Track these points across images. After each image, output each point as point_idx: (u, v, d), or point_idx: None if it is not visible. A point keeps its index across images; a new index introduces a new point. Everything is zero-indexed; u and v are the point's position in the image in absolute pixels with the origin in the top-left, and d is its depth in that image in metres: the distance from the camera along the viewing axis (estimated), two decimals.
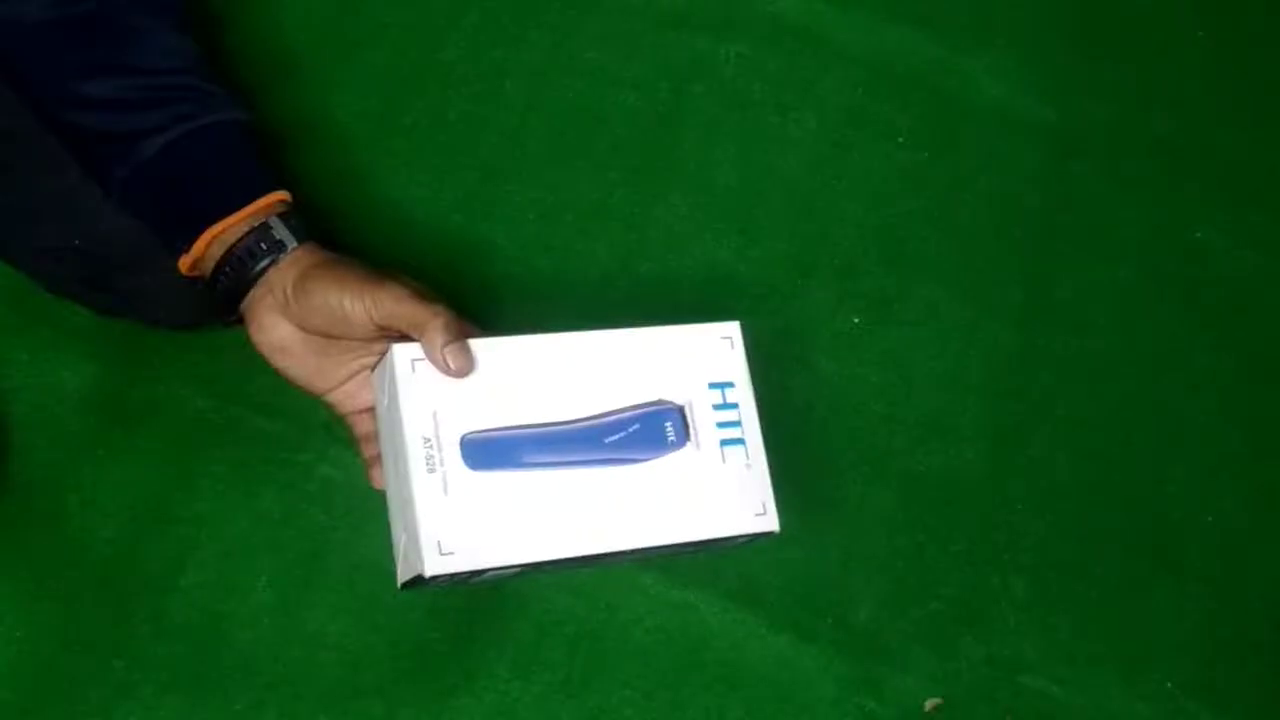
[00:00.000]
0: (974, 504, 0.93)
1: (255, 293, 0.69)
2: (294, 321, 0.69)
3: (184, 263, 0.71)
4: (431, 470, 0.66)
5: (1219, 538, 0.95)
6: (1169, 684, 0.90)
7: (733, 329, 0.73)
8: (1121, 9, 1.13)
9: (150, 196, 0.72)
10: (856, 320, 0.98)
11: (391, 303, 0.66)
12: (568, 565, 0.70)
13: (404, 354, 0.67)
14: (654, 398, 0.70)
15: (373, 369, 0.70)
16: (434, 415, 0.67)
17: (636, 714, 0.85)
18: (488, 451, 0.67)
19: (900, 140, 1.05)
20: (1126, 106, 1.09)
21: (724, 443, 0.71)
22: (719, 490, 0.70)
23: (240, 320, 0.71)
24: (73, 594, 0.84)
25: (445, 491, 0.66)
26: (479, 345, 0.68)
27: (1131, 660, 0.90)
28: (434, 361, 0.66)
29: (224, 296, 0.70)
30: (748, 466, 0.71)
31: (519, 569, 0.68)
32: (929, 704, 0.87)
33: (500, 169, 0.99)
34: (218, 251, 0.70)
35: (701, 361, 0.72)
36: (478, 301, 0.95)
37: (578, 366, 0.70)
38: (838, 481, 0.93)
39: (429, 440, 0.66)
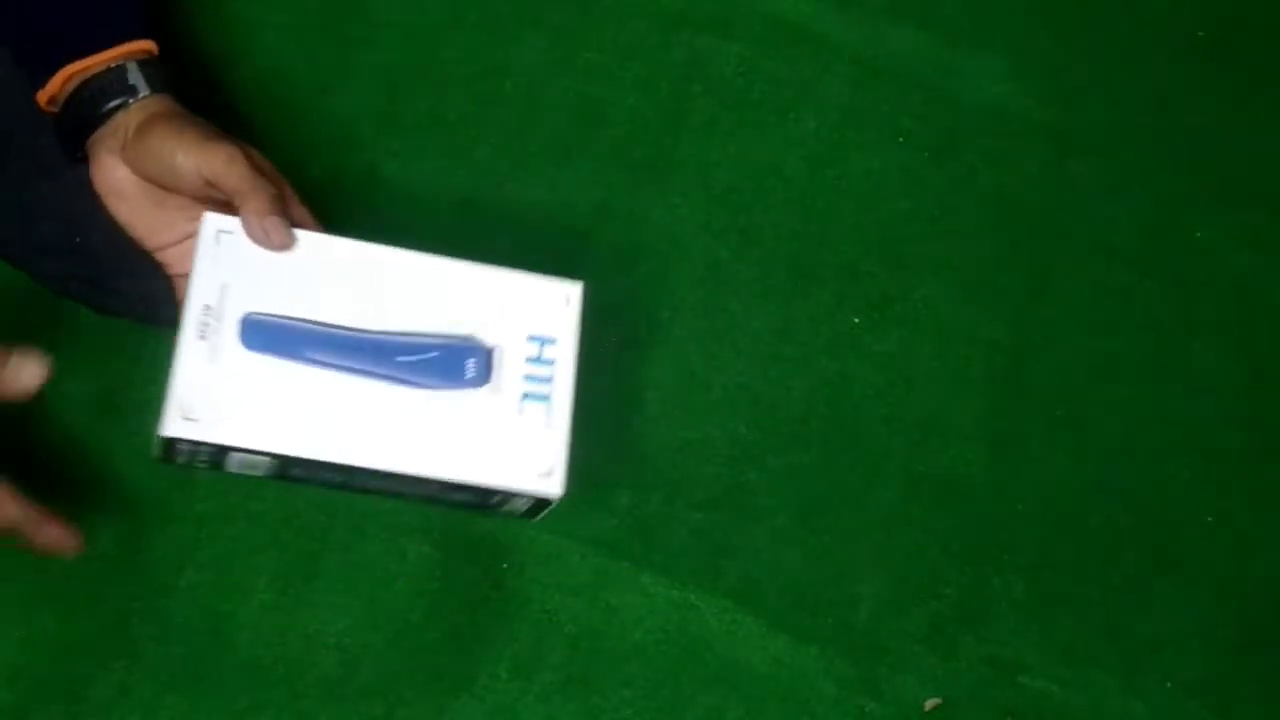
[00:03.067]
0: (974, 504, 0.93)
1: (100, 132, 0.69)
2: (130, 166, 0.69)
3: (41, 97, 0.72)
4: (202, 338, 0.65)
5: (1219, 538, 0.95)
6: (1169, 684, 0.90)
7: (574, 290, 0.72)
8: (1121, 9, 1.13)
9: (15, 23, 0.72)
10: (856, 320, 0.98)
11: (221, 164, 0.66)
12: (327, 478, 0.68)
13: (212, 222, 0.67)
14: (469, 333, 0.69)
15: None
16: (223, 287, 0.66)
17: (636, 714, 0.85)
18: (268, 335, 0.66)
19: (900, 140, 1.05)
20: (1126, 106, 1.09)
21: (527, 396, 0.69)
22: (506, 440, 0.68)
23: (85, 159, 0.71)
24: (72, 594, 0.84)
25: (211, 361, 0.65)
26: (310, 237, 0.67)
27: (1131, 660, 0.90)
28: (251, 231, 0.66)
29: (71, 132, 0.71)
30: (546, 426, 0.69)
31: (270, 463, 0.66)
32: (929, 704, 0.87)
33: (500, 169, 0.99)
34: (72, 89, 0.70)
35: (532, 312, 0.70)
36: None
37: (402, 284, 0.69)
38: (837, 481, 0.93)
39: (209, 308, 0.66)
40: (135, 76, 0.70)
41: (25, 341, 0.88)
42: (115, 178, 0.70)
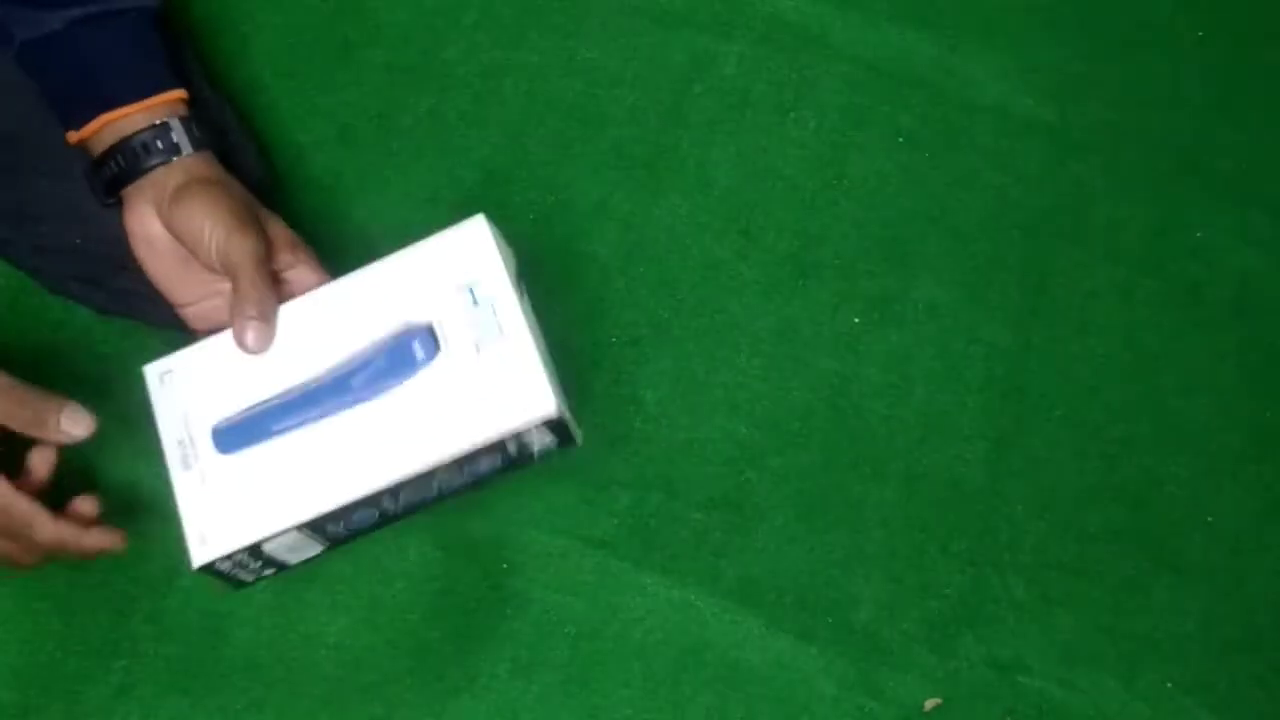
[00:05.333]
0: (974, 504, 0.93)
1: (140, 183, 0.71)
2: (163, 222, 0.71)
3: (71, 136, 0.73)
4: (188, 468, 0.69)
5: (1219, 538, 0.95)
6: (1169, 684, 0.90)
7: (478, 224, 0.71)
8: (1121, 9, 1.13)
9: (49, 68, 0.74)
10: (856, 320, 0.98)
11: (236, 251, 0.68)
12: (363, 521, 0.70)
13: (153, 371, 0.71)
14: (403, 323, 0.69)
15: None
16: (186, 417, 0.69)
17: (636, 714, 0.85)
18: (237, 433, 0.68)
19: (900, 140, 1.05)
20: (1126, 106, 1.09)
21: (481, 340, 0.68)
22: (484, 390, 0.67)
23: (117, 203, 0.73)
24: (73, 595, 0.84)
25: (203, 482, 0.68)
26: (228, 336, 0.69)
27: (1131, 660, 0.90)
28: (234, 326, 0.68)
29: (108, 181, 0.72)
30: (511, 356, 0.68)
31: (308, 536, 0.69)
32: (929, 704, 0.87)
33: (500, 169, 0.99)
34: (110, 138, 0.72)
35: (449, 269, 0.70)
36: None
37: (328, 319, 0.70)
38: (838, 481, 0.93)
39: (183, 441, 0.69)
40: (179, 134, 0.72)
41: (26, 339, 0.88)
42: (148, 230, 0.72)
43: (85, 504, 0.69)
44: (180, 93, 0.74)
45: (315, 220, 0.96)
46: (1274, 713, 0.90)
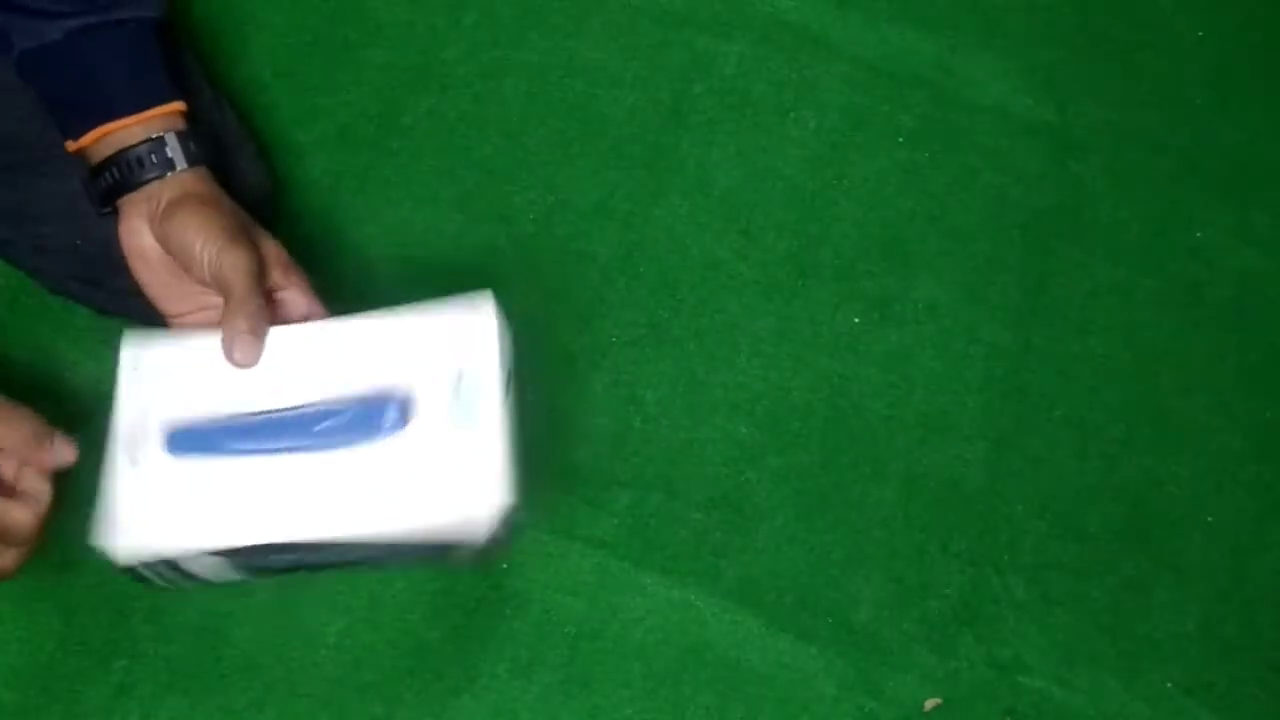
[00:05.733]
0: (974, 504, 0.93)
1: (134, 196, 0.71)
2: (155, 237, 0.71)
3: (69, 145, 0.73)
4: (134, 463, 0.66)
5: (1219, 538, 0.95)
6: (1169, 684, 0.90)
7: (484, 304, 0.68)
8: (1121, 9, 1.13)
9: (48, 78, 0.74)
10: (856, 320, 0.98)
11: (229, 267, 0.68)
12: (281, 562, 0.68)
13: (127, 353, 0.68)
14: (386, 384, 0.67)
15: None
16: (146, 407, 0.67)
17: (636, 714, 0.85)
18: (191, 439, 0.66)
19: (900, 140, 1.05)
20: (1126, 106, 1.09)
21: (451, 425, 0.66)
22: (442, 475, 0.65)
23: (113, 213, 0.73)
24: (72, 595, 0.84)
25: (142, 480, 0.66)
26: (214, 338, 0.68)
27: (1131, 660, 0.90)
28: (224, 339, 0.67)
29: (103, 192, 0.72)
30: (478, 450, 0.65)
31: (220, 561, 0.67)
32: (929, 704, 0.87)
33: (500, 169, 0.99)
34: (106, 150, 0.72)
35: (444, 344, 0.68)
36: None
37: (315, 355, 0.68)
38: (838, 481, 0.93)
39: (134, 436, 0.67)
40: (174, 149, 0.72)
41: (26, 339, 0.88)
42: (141, 243, 0.72)
43: (67, 447, 0.67)
44: (178, 105, 0.74)
45: (315, 220, 0.96)
46: (1274, 713, 0.90)
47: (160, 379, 0.68)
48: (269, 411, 0.67)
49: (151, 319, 0.83)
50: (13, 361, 0.88)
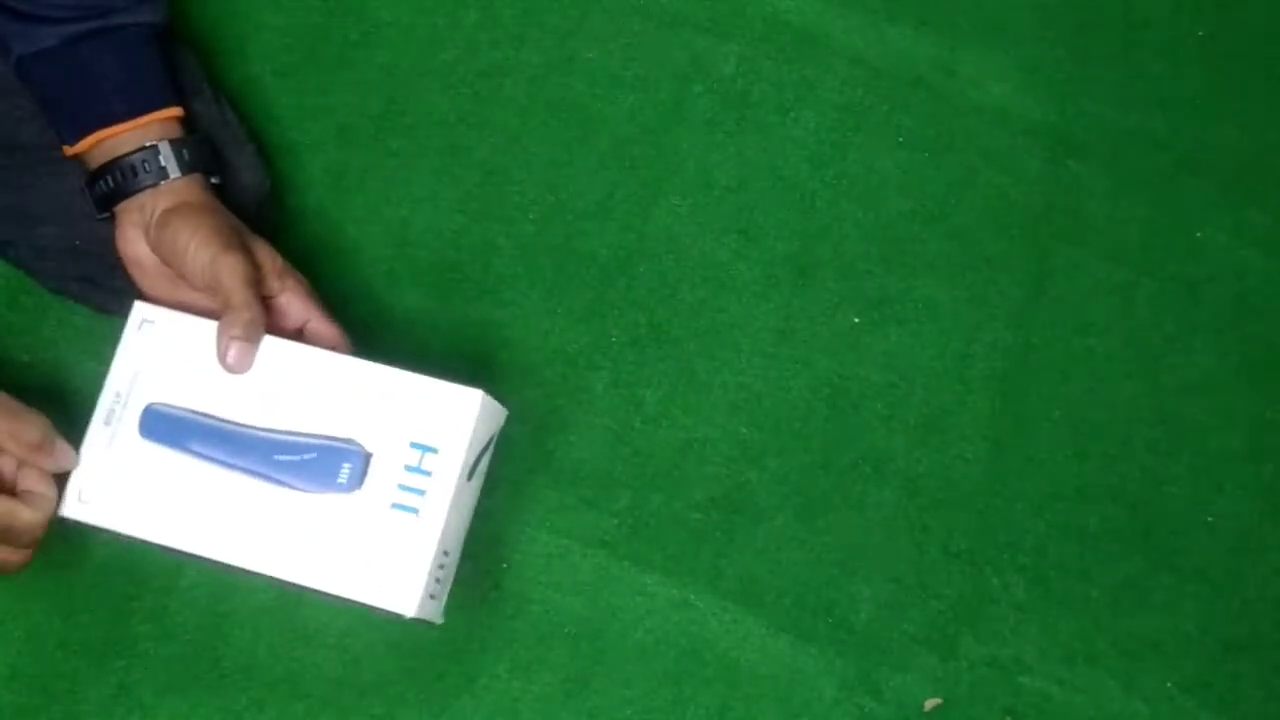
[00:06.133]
0: (974, 504, 0.93)
1: (128, 203, 0.72)
2: (149, 245, 0.72)
3: (67, 150, 0.74)
4: (108, 424, 0.69)
5: (1219, 538, 0.95)
6: (1169, 684, 0.90)
7: (472, 398, 0.68)
8: (1121, 9, 1.13)
9: (46, 83, 0.74)
10: (856, 320, 0.98)
11: (225, 271, 0.68)
12: (212, 564, 0.69)
13: (140, 311, 0.70)
14: (355, 433, 0.67)
15: None
16: (135, 375, 0.69)
17: (636, 714, 0.85)
18: (162, 426, 0.69)
19: (900, 140, 1.05)
20: (1126, 106, 1.09)
21: (396, 506, 0.67)
22: (370, 551, 0.66)
23: (110, 218, 0.74)
24: (72, 594, 0.84)
25: (109, 446, 0.68)
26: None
27: (1131, 660, 0.90)
28: (218, 344, 0.68)
29: (100, 198, 0.73)
30: (412, 540, 0.66)
31: (160, 548, 0.69)
32: (929, 704, 0.87)
33: (500, 169, 0.99)
34: (103, 155, 0.73)
35: (423, 418, 0.68)
36: (478, 302, 0.95)
37: (303, 381, 0.69)
38: (838, 481, 0.93)
39: (119, 396, 0.69)
40: (168, 158, 0.73)
41: (26, 339, 0.88)
42: (136, 251, 0.73)
43: (69, 451, 0.69)
44: (174, 111, 0.74)
45: (314, 220, 0.96)
46: (1274, 713, 0.90)
47: (157, 350, 0.70)
48: (239, 424, 0.69)
49: None
50: (13, 361, 0.88)
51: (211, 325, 0.69)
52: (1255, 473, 0.97)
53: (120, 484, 0.68)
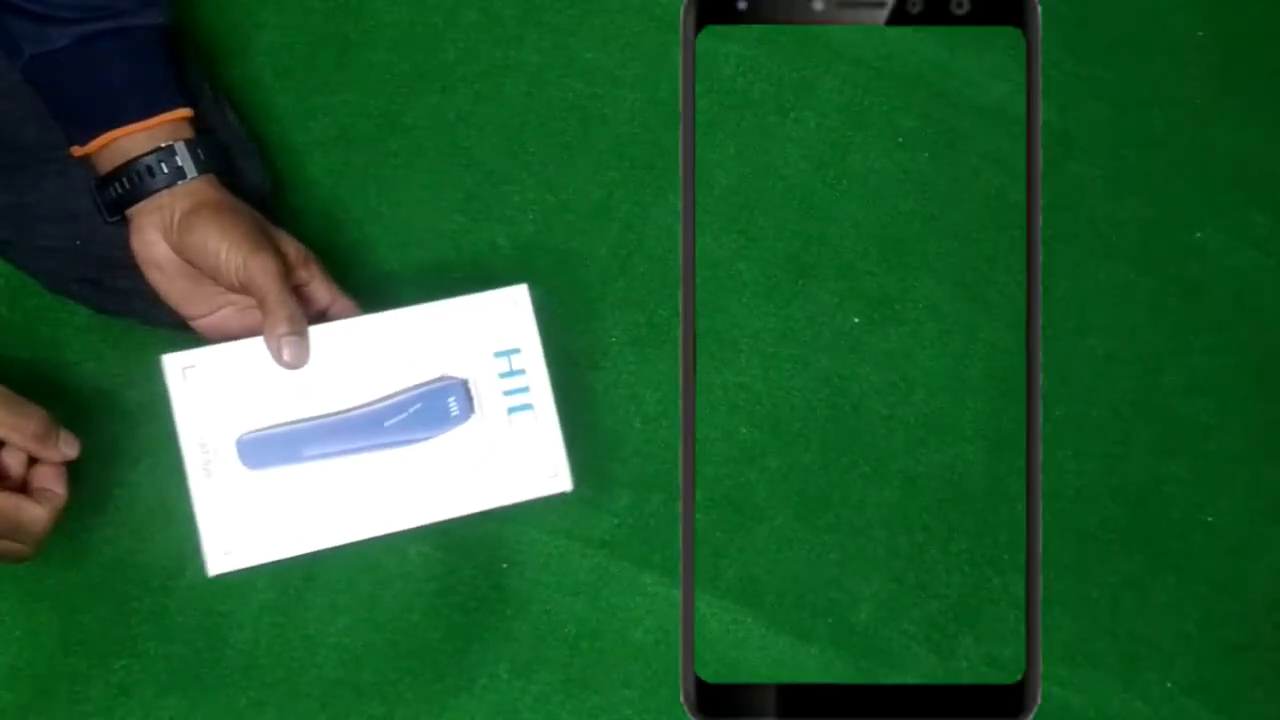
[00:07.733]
0: (974, 504, 0.93)
1: (144, 205, 0.71)
2: (172, 247, 0.71)
3: (75, 151, 0.73)
4: (209, 475, 0.68)
5: (1219, 538, 0.95)
6: (1169, 684, 0.90)
7: (520, 293, 0.72)
8: (1121, 9, 1.13)
9: (55, 83, 0.74)
10: (856, 320, 0.98)
11: (259, 272, 0.68)
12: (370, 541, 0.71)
13: (174, 363, 0.69)
14: (438, 373, 0.71)
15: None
16: (209, 419, 0.69)
17: (636, 714, 0.85)
18: (265, 449, 0.69)
19: (900, 140, 1.05)
20: (1126, 106, 1.09)
21: (512, 410, 0.71)
22: (508, 458, 0.71)
23: (122, 221, 0.73)
24: (73, 594, 0.84)
25: (223, 493, 0.68)
26: (257, 343, 0.69)
27: (1131, 660, 0.90)
28: (269, 347, 0.68)
29: (112, 202, 0.72)
30: (538, 431, 0.71)
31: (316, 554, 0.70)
32: None
33: (500, 169, 0.99)
34: (114, 157, 0.72)
35: (488, 330, 0.72)
36: None
37: (361, 351, 0.70)
38: (838, 481, 0.93)
39: (205, 445, 0.69)
40: (184, 158, 0.72)
41: (26, 339, 0.88)
42: (155, 252, 0.72)
43: (72, 441, 0.69)
44: (186, 111, 0.74)
45: (315, 220, 0.96)
46: (1274, 713, 0.90)
47: (213, 388, 0.70)
48: (335, 413, 0.70)
49: (151, 318, 0.84)
50: (13, 361, 0.88)
51: (250, 344, 0.70)
52: (1255, 473, 0.97)
53: (253, 519, 0.68)
